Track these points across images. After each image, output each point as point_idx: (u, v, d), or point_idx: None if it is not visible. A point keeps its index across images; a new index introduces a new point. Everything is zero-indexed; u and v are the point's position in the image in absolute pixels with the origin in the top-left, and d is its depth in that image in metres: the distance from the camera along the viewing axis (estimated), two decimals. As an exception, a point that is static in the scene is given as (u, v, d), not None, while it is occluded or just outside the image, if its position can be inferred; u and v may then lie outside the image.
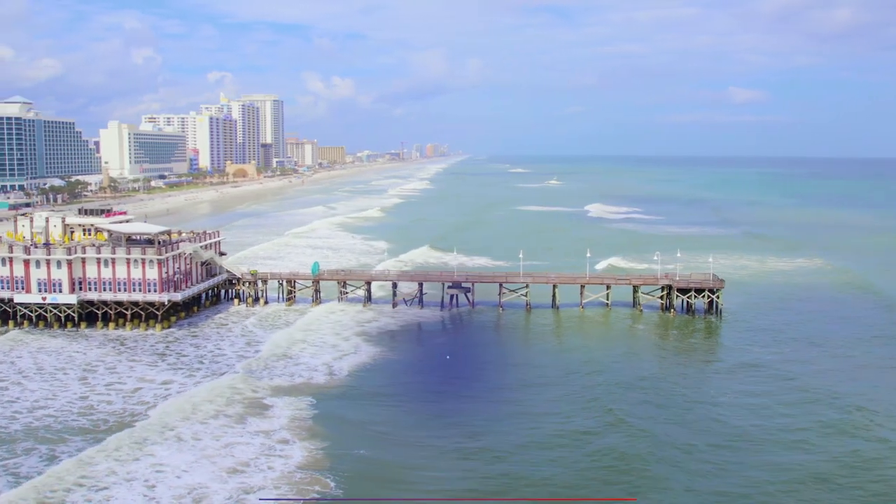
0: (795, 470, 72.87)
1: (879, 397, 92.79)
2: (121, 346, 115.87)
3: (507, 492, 69.29)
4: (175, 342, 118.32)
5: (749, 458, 75.33)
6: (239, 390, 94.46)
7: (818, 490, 69.18)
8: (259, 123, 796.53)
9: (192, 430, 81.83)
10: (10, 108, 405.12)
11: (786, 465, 73.94)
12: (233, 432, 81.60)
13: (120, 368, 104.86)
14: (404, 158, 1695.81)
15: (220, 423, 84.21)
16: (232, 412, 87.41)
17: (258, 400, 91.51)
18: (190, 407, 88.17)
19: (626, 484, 69.83)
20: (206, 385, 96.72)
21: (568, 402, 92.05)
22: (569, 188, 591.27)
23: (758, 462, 74.54)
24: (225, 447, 77.61)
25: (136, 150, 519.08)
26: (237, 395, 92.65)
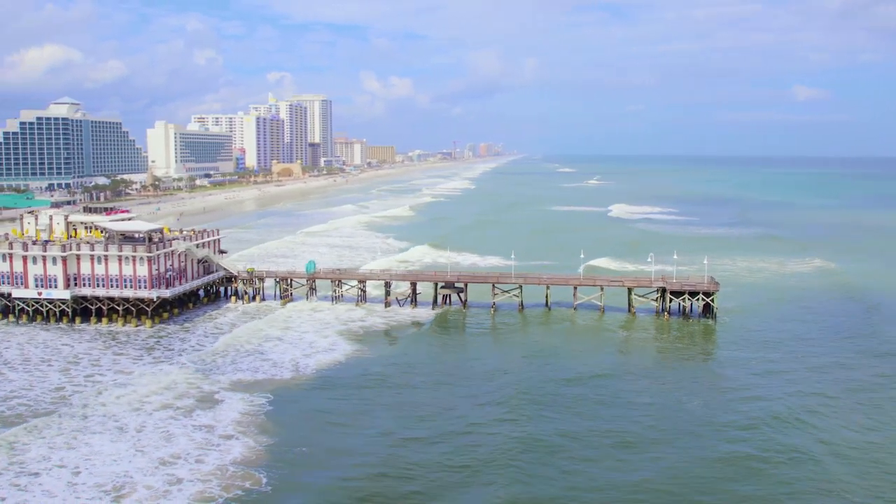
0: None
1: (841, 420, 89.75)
2: (112, 340, 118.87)
3: (425, 476, 70.32)
4: (165, 337, 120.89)
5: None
6: (195, 384, 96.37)
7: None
8: (307, 123, 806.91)
9: (138, 420, 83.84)
10: (59, 109, 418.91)
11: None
12: (177, 425, 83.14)
13: (104, 361, 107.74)
14: (456, 158, 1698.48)
15: (167, 415, 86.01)
16: (182, 405, 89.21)
17: (212, 394, 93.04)
18: (140, 398, 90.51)
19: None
20: (164, 378, 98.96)
21: (491, 400, 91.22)
22: (605, 188, 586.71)
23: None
24: (164, 439, 79.15)
25: (182, 150, 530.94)
26: (193, 389, 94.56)
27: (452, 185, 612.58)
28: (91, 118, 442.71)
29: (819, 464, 73.95)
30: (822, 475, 71.65)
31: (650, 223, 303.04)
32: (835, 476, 71.39)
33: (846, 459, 75.30)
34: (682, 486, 70.14)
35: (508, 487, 68.84)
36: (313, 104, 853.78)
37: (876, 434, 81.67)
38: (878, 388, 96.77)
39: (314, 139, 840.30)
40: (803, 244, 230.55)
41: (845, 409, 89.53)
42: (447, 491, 69.15)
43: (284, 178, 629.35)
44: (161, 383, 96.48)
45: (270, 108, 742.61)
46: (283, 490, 69.46)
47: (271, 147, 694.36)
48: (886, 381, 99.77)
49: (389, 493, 68.80)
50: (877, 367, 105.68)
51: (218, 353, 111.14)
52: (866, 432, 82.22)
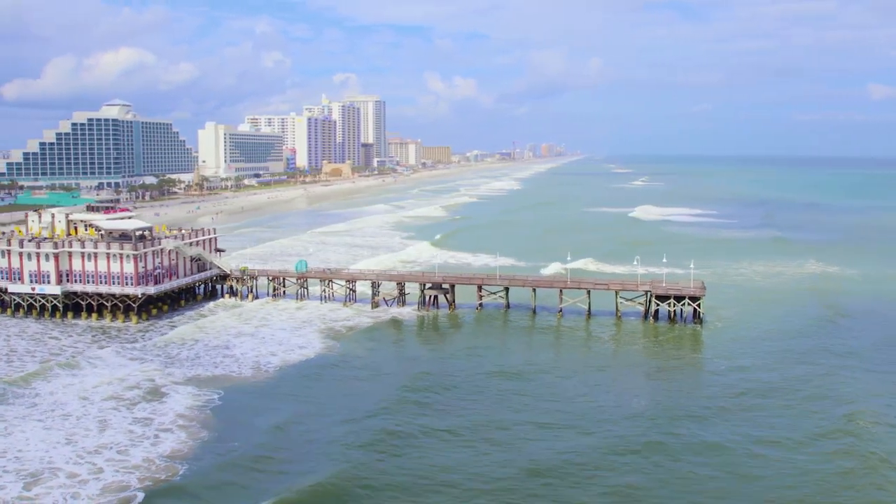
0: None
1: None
2: (102, 334, 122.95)
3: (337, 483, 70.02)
4: (147, 332, 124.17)
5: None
6: (150, 377, 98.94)
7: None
8: (360, 124, 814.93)
9: (81, 410, 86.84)
10: (110, 110, 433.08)
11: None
12: (117, 416, 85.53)
13: (87, 353, 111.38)
14: (515, 159, 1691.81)
15: (110, 405, 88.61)
16: (128, 396, 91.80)
17: (162, 387, 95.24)
18: (90, 388, 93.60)
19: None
20: (120, 370, 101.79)
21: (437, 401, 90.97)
22: (648, 188, 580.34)
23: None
24: (99, 429, 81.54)
25: (232, 150, 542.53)
26: (145, 382, 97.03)
27: (499, 185, 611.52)
28: (142, 119, 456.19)
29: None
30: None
31: (669, 224, 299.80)
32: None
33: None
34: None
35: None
36: (367, 105, 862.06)
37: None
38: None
39: (367, 140, 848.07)
40: (816, 247, 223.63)
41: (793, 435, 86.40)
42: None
43: (334, 178, 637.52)
44: (116, 375, 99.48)
45: (323, 108, 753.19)
46: (197, 485, 70.59)
47: (323, 147, 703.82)
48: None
49: (300, 495, 68.77)
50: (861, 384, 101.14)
51: (185, 348, 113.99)
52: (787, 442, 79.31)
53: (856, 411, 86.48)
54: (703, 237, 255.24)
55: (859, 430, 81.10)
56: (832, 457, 75.69)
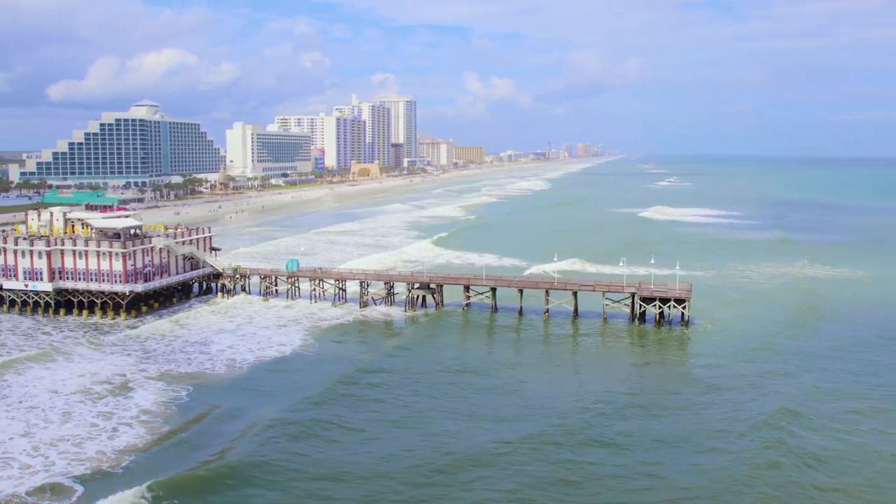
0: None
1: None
2: (94, 330, 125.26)
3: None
4: (133, 328, 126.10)
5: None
6: (122, 371, 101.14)
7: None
8: (390, 124, 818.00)
9: (48, 402, 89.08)
10: (138, 111, 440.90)
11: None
12: (82, 410, 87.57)
13: (65, 348, 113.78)
14: (550, 159, 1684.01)
15: (76, 399, 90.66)
16: (98, 390, 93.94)
17: (131, 382, 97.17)
18: (61, 381, 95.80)
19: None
20: (93, 364, 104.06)
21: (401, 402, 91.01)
22: (672, 189, 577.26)
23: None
24: (61, 423, 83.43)
25: (259, 150, 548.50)
26: (117, 376, 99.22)
27: (525, 185, 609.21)
28: (170, 119, 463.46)
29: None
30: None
31: (678, 225, 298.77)
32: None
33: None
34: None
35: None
36: (398, 105, 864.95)
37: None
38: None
39: (398, 140, 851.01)
40: (820, 250, 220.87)
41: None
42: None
43: (362, 178, 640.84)
44: (89, 369, 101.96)
45: (353, 109, 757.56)
46: (135, 477, 71.10)
47: (352, 147, 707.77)
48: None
49: (228, 491, 69.39)
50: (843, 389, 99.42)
51: (163, 343, 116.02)
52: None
53: (783, 408, 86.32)
54: (711, 238, 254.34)
55: (778, 431, 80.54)
56: (735, 456, 75.43)
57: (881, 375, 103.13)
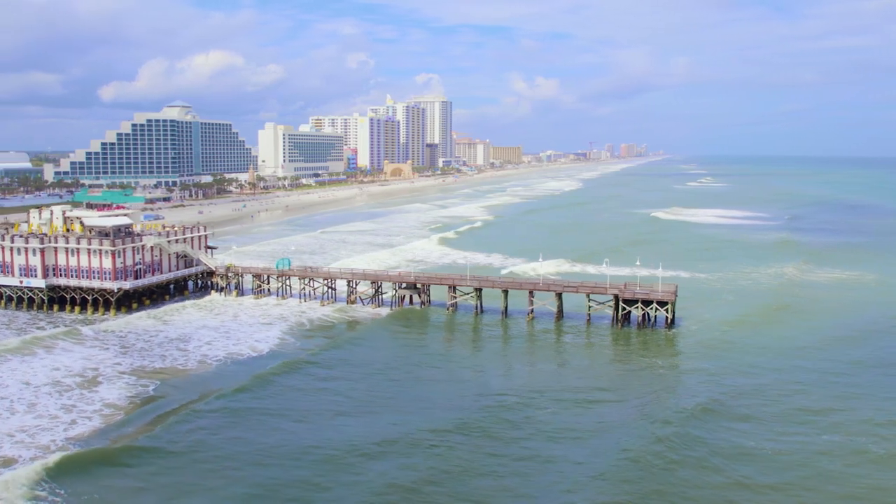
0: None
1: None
2: (81, 324, 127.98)
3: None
4: (119, 324, 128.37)
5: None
6: (94, 365, 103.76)
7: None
8: (425, 124, 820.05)
9: (18, 394, 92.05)
10: (170, 111, 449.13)
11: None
12: (47, 401, 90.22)
13: (47, 341, 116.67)
14: (591, 159, 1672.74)
15: (45, 391, 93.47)
16: (68, 382, 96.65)
17: (101, 376, 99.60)
18: (32, 372, 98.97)
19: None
20: (66, 357, 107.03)
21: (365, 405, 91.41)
22: (702, 189, 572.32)
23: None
24: (24, 413, 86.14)
25: (291, 150, 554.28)
26: (89, 370, 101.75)
27: (557, 185, 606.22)
28: (201, 120, 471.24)
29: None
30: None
31: (687, 226, 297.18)
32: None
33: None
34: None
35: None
36: (433, 105, 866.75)
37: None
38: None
39: (433, 140, 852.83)
40: (824, 251, 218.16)
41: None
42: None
43: (393, 178, 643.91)
44: (65, 362, 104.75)
45: (387, 109, 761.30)
46: (67, 463, 73.14)
47: (385, 147, 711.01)
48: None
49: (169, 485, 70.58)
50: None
51: (142, 339, 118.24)
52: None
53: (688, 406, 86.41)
54: (716, 238, 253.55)
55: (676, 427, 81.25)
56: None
57: (849, 375, 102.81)
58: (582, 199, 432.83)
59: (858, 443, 78.79)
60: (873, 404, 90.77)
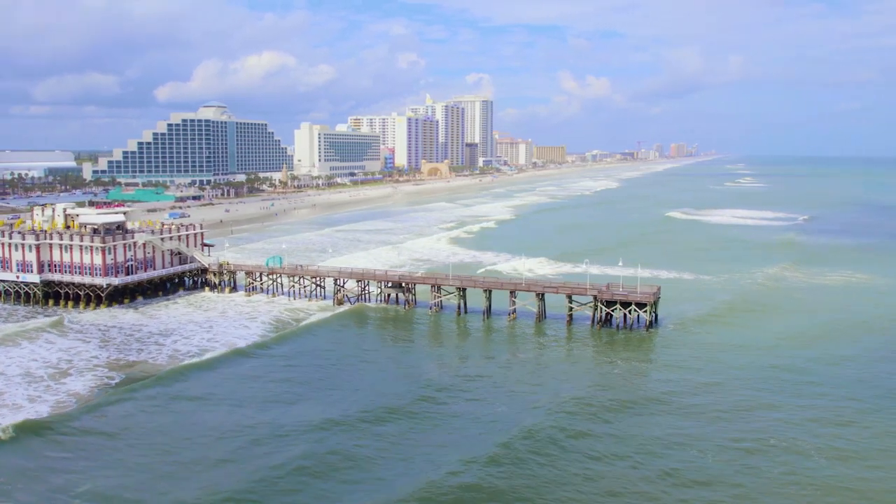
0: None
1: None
2: (69, 318, 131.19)
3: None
4: (109, 318, 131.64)
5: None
6: (69, 358, 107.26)
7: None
8: (464, 124, 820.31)
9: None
10: (206, 111, 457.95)
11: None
12: (15, 391, 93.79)
13: (31, 333, 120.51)
14: (639, 158, 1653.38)
15: (17, 381, 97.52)
16: (40, 374, 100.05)
17: (72, 368, 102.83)
18: (8, 365, 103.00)
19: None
20: (48, 350, 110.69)
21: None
22: (736, 189, 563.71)
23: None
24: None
25: (327, 150, 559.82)
26: (65, 363, 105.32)
27: (593, 185, 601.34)
28: (237, 120, 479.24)
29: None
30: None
31: (698, 225, 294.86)
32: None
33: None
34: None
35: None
36: (473, 105, 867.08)
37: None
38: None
39: (473, 139, 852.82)
40: (836, 253, 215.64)
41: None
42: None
43: (430, 177, 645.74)
44: (43, 354, 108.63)
45: (427, 108, 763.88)
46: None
47: (423, 147, 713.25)
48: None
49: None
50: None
51: (124, 333, 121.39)
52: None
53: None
54: (722, 238, 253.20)
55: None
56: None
57: (807, 373, 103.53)
58: (610, 199, 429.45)
59: (788, 438, 79.83)
60: (820, 402, 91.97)
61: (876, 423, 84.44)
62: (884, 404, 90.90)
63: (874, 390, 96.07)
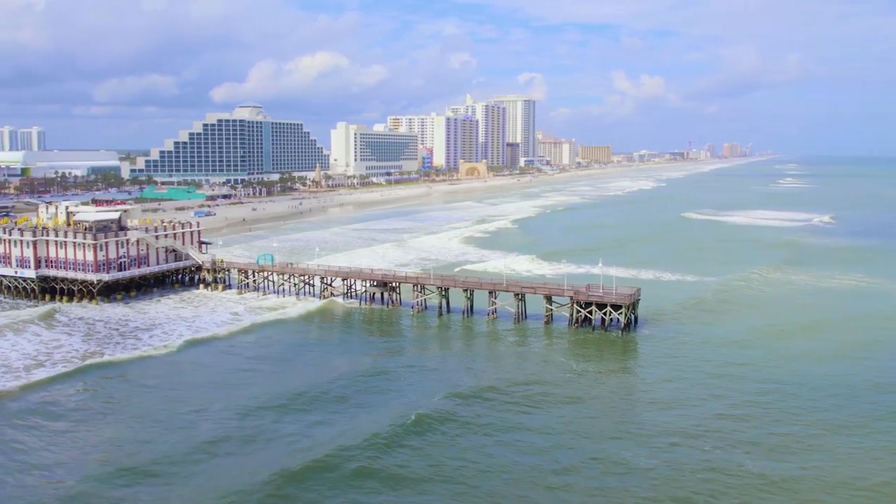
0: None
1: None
2: (59, 312, 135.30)
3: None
4: (99, 313, 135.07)
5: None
6: (50, 350, 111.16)
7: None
8: (505, 123, 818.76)
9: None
10: (242, 112, 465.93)
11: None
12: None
13: (22, 326, 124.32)
14: (689, 158, 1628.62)
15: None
16: (16, 366, 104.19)
17: (48, 360, 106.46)
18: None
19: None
20: (30, 342, 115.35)
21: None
22: (775, 190, 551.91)
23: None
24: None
25: (363, 149, 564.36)
26: (44, 355, 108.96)
27: (632, 185, 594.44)
28: (272, 120, 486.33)
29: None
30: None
31: (709, 225, 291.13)
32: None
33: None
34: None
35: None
36: (515, 104, 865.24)
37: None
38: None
39: (515, 139, 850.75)
40: (842, 254, 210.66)
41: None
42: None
43: (468, 177, 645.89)
44: (24, 346, 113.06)
45: (467, 108, 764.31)
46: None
47: (462, 147, 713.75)
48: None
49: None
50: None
51: (109, 327, 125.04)
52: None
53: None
54: (728, 237, 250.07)
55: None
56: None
57: (757, 369, 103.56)
58: (638, 199, 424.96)
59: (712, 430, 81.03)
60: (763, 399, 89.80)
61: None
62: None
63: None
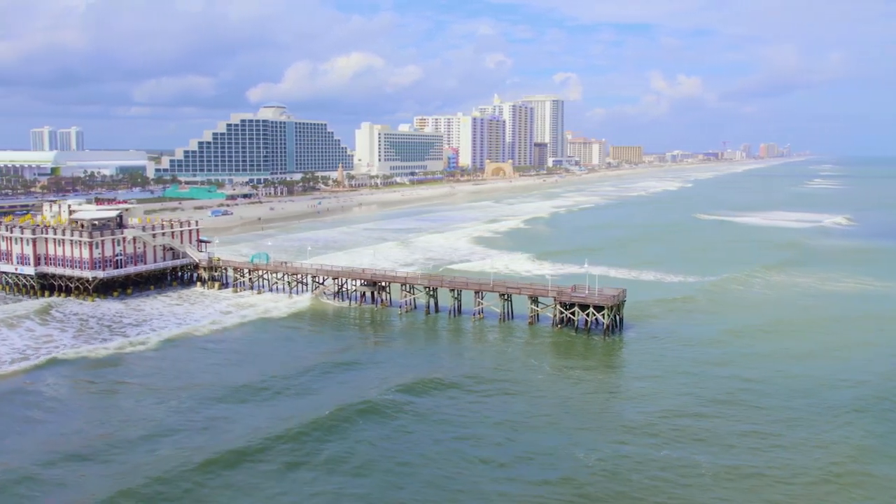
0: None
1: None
2: (55, 308, 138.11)
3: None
4: (93, 309, 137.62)
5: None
6: (39, 345, 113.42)
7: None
8: (533, 123, 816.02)
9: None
10: (265, 112, 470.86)
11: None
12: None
13: (16, 321, 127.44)
14: (724, 159, 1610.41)
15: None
16: (4, 359, 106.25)
17: (35, 355, 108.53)
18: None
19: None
20: (22, 336, 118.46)
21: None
22: (799, 191, 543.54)
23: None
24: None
25: (387, 149, 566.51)
26: (31, 350, 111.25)
27: (656, 185, 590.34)
28: (296, 120, 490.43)
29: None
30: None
31: (720, 226, 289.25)
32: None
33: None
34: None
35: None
36: (543, 105, 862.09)
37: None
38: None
39: (543, 139, 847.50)
40: (846, 256, 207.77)
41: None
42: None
43: (494, 177, 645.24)
44: (15, 340, 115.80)
45: (494, 108, 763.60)
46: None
47: (489, 147, 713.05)
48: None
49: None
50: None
51: (101, 323, 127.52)
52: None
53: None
54: (733, 237, 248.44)
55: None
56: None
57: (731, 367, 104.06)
58: (658, 200, 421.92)
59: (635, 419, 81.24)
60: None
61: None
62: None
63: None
